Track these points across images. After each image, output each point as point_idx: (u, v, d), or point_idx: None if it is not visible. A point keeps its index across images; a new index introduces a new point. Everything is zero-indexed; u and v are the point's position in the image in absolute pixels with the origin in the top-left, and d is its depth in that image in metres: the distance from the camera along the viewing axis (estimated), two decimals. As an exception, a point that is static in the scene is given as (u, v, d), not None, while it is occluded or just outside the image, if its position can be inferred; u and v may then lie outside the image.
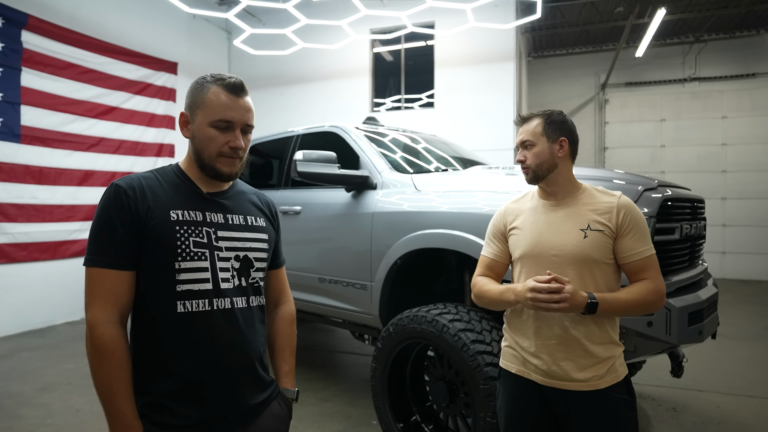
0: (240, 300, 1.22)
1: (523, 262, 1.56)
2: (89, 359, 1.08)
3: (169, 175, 1.23)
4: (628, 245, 1.45)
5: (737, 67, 9.74)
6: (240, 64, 8.98)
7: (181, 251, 1.13)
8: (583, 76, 10.85)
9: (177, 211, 1.16)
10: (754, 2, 8.18)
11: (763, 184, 9.48)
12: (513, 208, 1.67)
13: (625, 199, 1.50)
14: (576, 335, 1.46)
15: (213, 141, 1.18)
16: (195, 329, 1.14)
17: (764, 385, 3.77)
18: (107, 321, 1.08)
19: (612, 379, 1.46)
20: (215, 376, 1.16)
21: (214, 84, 1.19)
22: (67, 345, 4.93)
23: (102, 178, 6.36)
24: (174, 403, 1.12)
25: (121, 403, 1.06)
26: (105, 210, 1.12)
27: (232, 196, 1.30)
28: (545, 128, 1.55)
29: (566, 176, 1.56)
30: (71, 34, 5.91)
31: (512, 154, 7.32)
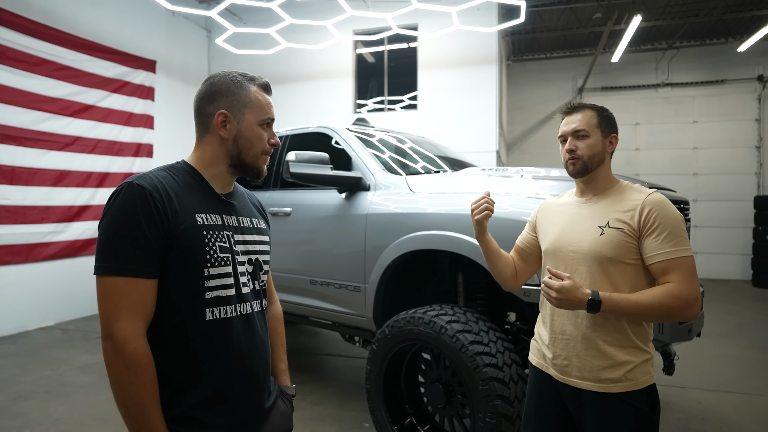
0: (255, 304, 1.21)
1: (546, 256, 1.60)
2: (117, 377, 0.99)
3: (183, 175, 1.16)
4: (651, 245, 1.38)
5: (707, 74, 10.09)
6: (220, 63, 8.84)
7: (209, 257, 1.09)
8: (561, 80, 11.07)
9: (201, 215, 1.11)
10: (723, 12, 8.49)
11: (732, 186, 9.84)
12: (550, 203, 1.69)
13: (654, 197, 1.42)
14: (590, 334, 1.44)
15: (262, 140, 1.20)
16: (223, 336, 1.11)
17: (741, 381, 3.90)
18: (138, 335, 1.00)
19: (629, 385, 1.40)
20: (241, 382, 1.14)
21: (252, 84, 1.20)
22: (41, 351, 4.75)
23: (78, 178, 6.16)
24: (203, 413, 1.08)
25: (154, 421, 1.00)
26: (128, 212, 1.02)
27: (238, 198, 1.27)
28: (600, 121, 1.52)
29: (606, 173, 1.54)
30: (46, 29, 5.71)
31: (494, 156, 7.40)
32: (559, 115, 1.63)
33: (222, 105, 1.17)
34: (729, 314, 6.43)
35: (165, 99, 7.67)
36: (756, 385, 3.82)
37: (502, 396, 2.12)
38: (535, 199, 2.35)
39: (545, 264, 1.61)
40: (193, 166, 1.19)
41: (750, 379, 3.94)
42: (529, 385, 1.68)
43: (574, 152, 1.51)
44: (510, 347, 2.31)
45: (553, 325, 1.53)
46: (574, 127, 1.52)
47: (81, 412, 3.31)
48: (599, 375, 1.42)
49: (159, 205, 1.04)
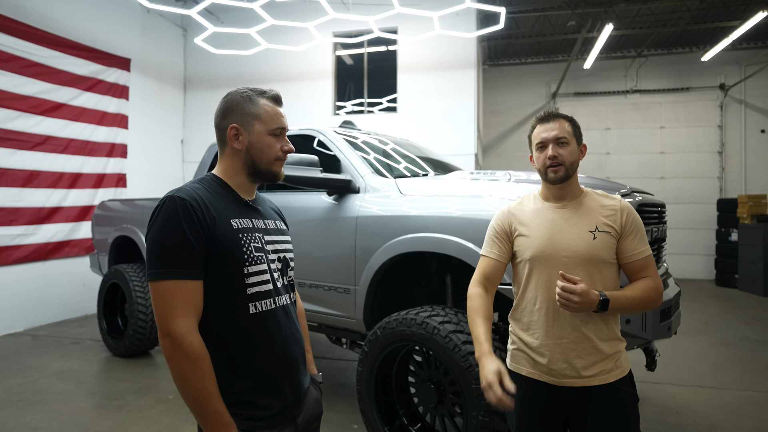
0: (287, 297, 1.35)
1: (533, 263, 1.58)
2: (180, 369, 1.10)
3: (213, 186, 1.29)
4: (630, 246, 1.53)
5: (673, 81, 10.52)
6: (196, 62, 8.71)
7: (247, 257, 1.22)
8: (535, 85, 11.34)
9: (235, 220, 1.24)
10: (689, 23, 8.87)
11: (697, 190, 10.28)
12: (517, 210, 1.67)
13: (626, 202, 1.58)
14: (587, 333, 1.51)
15: (272, 147, 1.30)
16: (267, 326, 1.25)
17: (710, 376, 4.09)
18: (193, 330, 1.13)
19: (619, 373, 1.53)
20: (285, 367, 1.28)
21: (262, 97, 1.31)
22: (12, 359, 4.58)
23: (48, 179, 5.95)
24: (256, 397, 1.21)
25: (217, 405, 1.12)
26: (173, 223, 1.14)
27: (261, 203, 1.41)
28: (574, 131, 1.60)
29: (577, 181, 1.63)
30: (15, 24, 5.51)
31: (473, 159, 7.52)
32: (532, 122, 1.65)
33: (233, 119, 1.29)
34: (695, 312, 6.71)
35: (140, 98, 7.51)
36: (724, 379, 4.01)
37: (495, 394, 2.18)
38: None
39: (530, 271, 1.58)
40: (221, 177, 1.32)
41: (718, 374, 4.14)
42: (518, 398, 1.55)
43: (556, 159, 1.54)
44: (500, 347, 2.37)
45: (550, 331, 1.54)
46: (555, 134, 1.56)
47: (59, 420, 3.22)
48: (595, 369, 1.51)
49: (199, 214, 1.16)
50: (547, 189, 1.63)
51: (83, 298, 6.39)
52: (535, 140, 1.62)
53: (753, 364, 4.44)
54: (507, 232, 1.66)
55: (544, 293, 1.55)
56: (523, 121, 11.46)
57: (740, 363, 4.46)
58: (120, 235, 4.80)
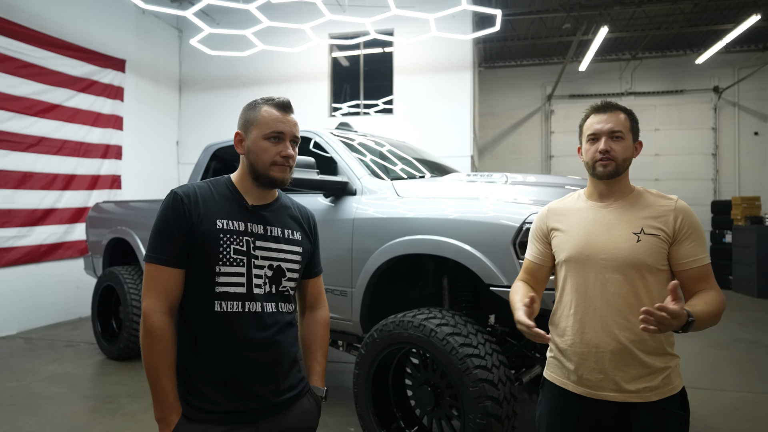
0: (269, 305, 1.33)
1: (568, 265, 1.47)
2: (141, 343, 1.23)
3: (221, 187, 1.37)
4: (686, 251, 1.37)
5: (667, 84, 10.59)
6: (192, 63, 8.67)
7: (222, 256, 1.27)
8: (531, 87, 11.38)
9: (223, 221, 1.30)
10: (683, 26, 8.93)
11: (690, 191, 10.34)
12: (557, 209, 1.57)
13: (683, 203, 1.42)
14: (626, 343, 1.36)
15: (267, 151, 1.32)
16: (228, 327, 1.27)
17: (705, 377, 4.11)
18: (158, 311, 1.22)
19: (667, 391, 1.37)
20: (242, 371, 1.27)
21: (265, 104, 1.35)
22: (4, 362, 4.53)
23: (42, 180, 5.91)
24: (207, 389, 1.25)
25: (165, 384, 1.21)
26: (164, 214, 1.28)
27: (274, 210, 1.41)
28: (632, 125, 1.47)
29: (627, 178, 1.49)
30: (8, 25, 5.47)
31: (469, 161, 7.54)
32: (587, 111, 1.52)
33: (239, 127, 1.38)
34: (690, 314, 6.73)
35: (135, 99, 7.47)
36: (718, 380, 4.03)
37: (492, 397, 2.18)
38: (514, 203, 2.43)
39: (566, 274, 1.48)
40: (232, 181, 1.40)
41: (713, 375, 4.15)
42: (547, 405, 1.53)
43: (608, 154, 1.41)
44: (497, 349, 2.37)
45: (584, 339, 1.41)
46: (611, 127, 1.43)
47: (53, 424, 3.18)
48: (638, 385, 1.36)
49: (186, 209, 1.27)
50: (593, 186, 1.51)
51: (77, 300, 6.34)
52: (587, 131, 1.48)
53: (748, 365, 4.46)
54: (544, 232, 1.58)
55: (579, 298, 1.43)
56: (519, 123, 11.50)
57: (735, 364, 4.48)
58: (114, 237, 4.77)
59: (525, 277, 1.62)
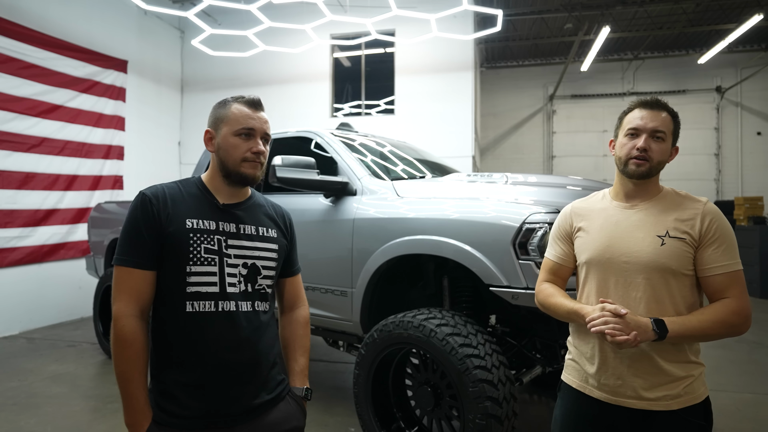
0: (245, 304, 1.31)
1: (589, 267, 1.43)
2: (112, 347, 1.21)
3: (191, 187, 1.35)
4: (711, 257, 1.31)
5: (670, 84, 10.57)
6: (194, 64, 8.69)
7: (192, 256, 1.25)
8: (532, 87, 11.37)
9: (192, 220, 1.28)
10: (685, 25, 8.91)
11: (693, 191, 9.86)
12: (581, 208, 1.53)
13: (712, 206, 1.35)
14: (647, 351, 1.33)
15: (237, 148, 1.31)
16: (201, 328, 1.25)
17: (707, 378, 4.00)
18: (128, 314, 1.20)
19: (688, 400, 1.33)
20: (216, 373, 1.25)
21: (236, 102, 1.34)
22: (7, 362, 4.55)
23: (44, 181, 5.93)
24: (180, 393, 1.23)
25: (135, 390, 1.19)
26: (133, 216, 1.26)
27: (247, 208, 1.40)
28: (675, 128, 1.40)
29: (657, 180, 1.43)
30: (11, 26, 5.50)
31: (470, 161, 7.53)
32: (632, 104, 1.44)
33: (208, 125, 1.37)
34: (693, 314, 6.71)
35: (137, 100, 7.49)
36: (721, 381, 4.02)
37: (492, 397, 2.17)
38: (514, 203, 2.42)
39: (587, 275, 1.45)
40: (203, 180, 1.38)
41: (715, 376, 4.14)
42: (563, 408, 1.51)
43: (646, 153, 1.35)
44: (497, 349, 2.37)
45: (603, 344, 1.38)
46: (654, 126, 1.36)
47: (54, 424, 3.19)
48: (657, 393, 1.33)
49: (155, 210, 1.25)
50: (620, 184, 1.45)
51: (79, 300, 6.36)
52: (627, 124, 1.41)
53: (750, 365, 4.44)
54: (567, 231, 1.54)
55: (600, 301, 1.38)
56: (520, 123, 11.49)
57: (737, 365, 4.47)
58: (116, 238, 4.78)
59: (549, 278, 1.58)
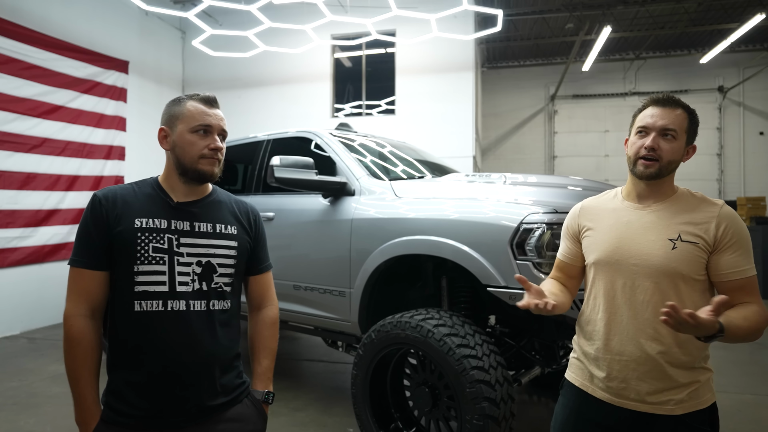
0: (198, 303, 1.29)
1: (597, 268, 1.41)
2: (63, 346, 1.23)
3: (145, 187, 1.36)
4: (728, 262, 1.27)
5: (672, 84, 10.53)
6: (195, 64, 8.71)
7: (140, 255, 1.25)
8: (534, 87, 11.36)
9: (142, 219, 1.27)
10: (687, 25, 8.88)
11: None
12: (591, 207, 1.49)
13: (728, 210, 1.31)
14: (652, 354, 1.30)
15: (194, 145, 1.31)
16: (149, 327, 1.24)
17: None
18: (78, 314, 1.22)
19: (693, 405, 1.30)
20: (167, 373, 1.24)
21: (191, 99, 1.34)
22: (7, 361, 4.56)
23: (45, 181, 5.94)
24: (129, 392, 1.23)
25: (82, 388, 1.21)
26: (84, 218, 1.28)
27: (205, 205, 1.39)
28: (690, 126, 1.34)
29: (671, 181, 1.38)
30: (12, 27, 5.51)
31: (471, 161, 7.52)
32: (645, 101, 1.40)
33: (162, 122, 1.36)
34: (694, 315, 6.69)
35: (138, 100, 7.50)
36: (721, 382, 4.00)
37: (489, 398, 2.16)
38: (518, 204, 2.42)
39: (595, 276, 1.43)
40: (158, 180, 1.38)
41: (715, 377, 4.00)
42: (564, 405, 1.50)
43: (654, 152, 1.31)
44: (495, 350, 2.36)
45: (609, 345, 1.36)
46: (664, 123, 1.31)
47: (53, 424, 3.20)
48: (662, 397, 1.30)
49: (104, 210, 1.27)
50: (632, 184, 1.41)
51: (80, 300, 6.37)
52: (638, 123, 1.37)
53: (751, 367, 4.43)
54: (575, 231, 1.51)
55: (607, 303, 1.37)
56: (522, 123, 11.48)
57: (738, 366, 4.45)
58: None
59: (556, 275, 1.58)
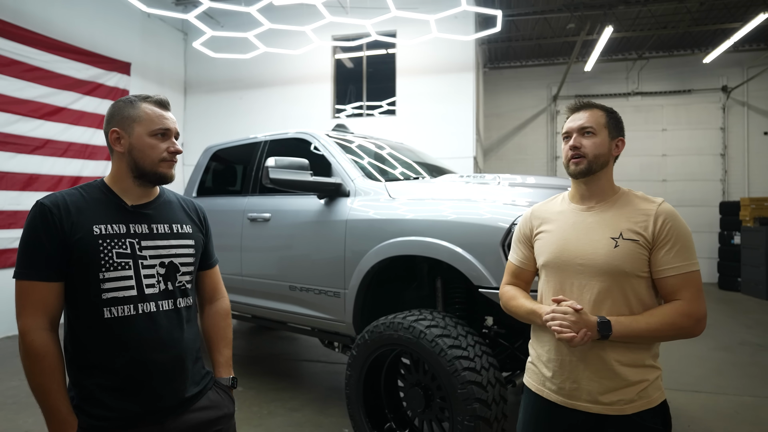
0: (166, 303, 1.33)
1: (547, 270, 1.46)
2: (23, 364, 1.18)
3: (94, 191, 1.32)
4: (663, 259, 1.31)
5: (675, 84, 10.47)
6: (197, 66, 8.75)
7: (104, 263, 1.24)
8: (536, 87, 11.31)
9: (100, 226, 1.26)
10: (690, 24, 8.83)
11: (698, 192, 10.21)
12: (541, 211, 1.55)
13: (666, 206, 1.36)
14: (601, 354, 1.33)
15: (155, 148, 1.32)
16: (121, 331, 1.25)
17: (707, 380, 4.05)
18: (37, 328, 1.18)
19: (643, 404, 1.32)
20: (143, 373, 1.26)
21: (145, 102, 1.34)
22: (9, 362, 4.60)
23: (48, 182, 5.99)
24: (107, 396, 1.23)
25: (54, 401, 1.17)
26: (31, 227, 1.22)
27: (158, 206, 1.40)
28: (609, 121, 1.43)
29: (609, 178, 1.44)
30: (15, 29, 5.56)
31: (472, 162, 7.51)
32: (565, 113, 1.52)
33: (114, 124, 1.33)
34: (696, 316, 6.64)
35: (140, 102, 7.54)
36: (721, 384, 3.97)
37: (480, 399, 2.16)
38: (512, 205, 2.42)
39: (545, 278, 1.47)
40: (107, 183, 1.35)
41: (715, 379, 4.10)
42: (524, 412, 1.53)
43: (579, 150, 1.40)
44: (488, 351, 2.36)
45: (559, 347, 1.39)
46: (580, 124, 1.42)
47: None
48: (612, 397, 1.33)
49: (57, 220, 1.21)
50: (574, 187, 1.49)
51: (82, 300, 6.41)
52: (563, 131, 1.48)
53: (752, 368, 4.39)
54: (527, 235, 1.56)
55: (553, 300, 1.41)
56: (524, 124, 11.44)
57: (739, 367, 4.42)
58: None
59: (512, 281, 1.61)
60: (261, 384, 3.92)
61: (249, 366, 4.45)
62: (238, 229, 3.55)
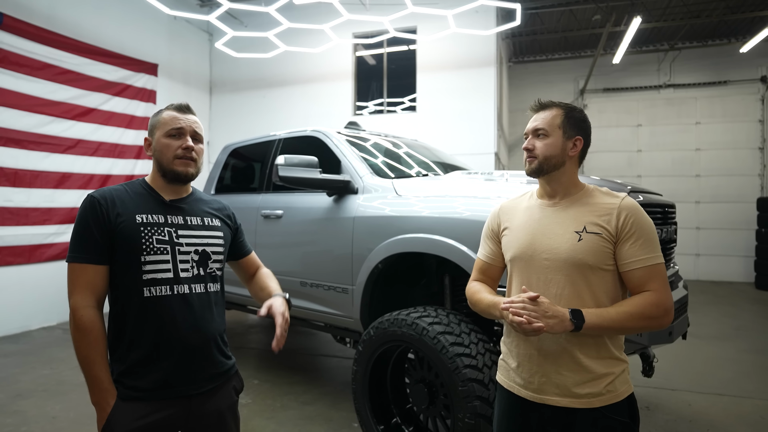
0: (198, 286, 1.46)
1: (513, 265, 1.48)
2: (72, 337, 1.33)
3: (137, 187, 1.49)
4: (628, 252, 1.33)
5: (710, 75, 10.04)
6: (221, 66, 8.93)
7: (146, 247, 1.38)
8: (562, 81, 11.06)
9: (142, 215, 1.41)
10: (724, 13, 8.45)
11: (734, 188, 9.78)
12: (508, 207, 1.58)
13: (628, 201, 1.38)
14: (567, 347, 1.35)
15: (169, 147, 1.46)
16: (158, 310, 1.38)
17: (733, 384, 3.90)
18: (86, 306, 1.32)
19: (610, 398, 1.34)
20: (174, 349, 1.39)
21: (167, 109, 1.51)
22: (42, 351, 4.83)
23: (79, 180, 6.24)
24: (142, 369, 1.36)
25: (98, 371, 1.31)
26: (83, 217, 1.38)
27: (190, 202, 1.57)
28: (564, 122, 1.44)
29: (570, 177, 1.46)
30: (48, 34, 5.81)
31: (493, 158, 7.42)
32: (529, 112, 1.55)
33: (147, 133, 1.53)
34: (728, 317, 6.40)
35: (167, 102, 7.55)
36: (748, 388, 3.82)
37: (481, 397, 2.15)
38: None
39: (513, 273, 1.49)
40: (147, 181, 1.53)
41: (743, 382, 3.94)
42: (497, 408, 1.55)
43: (531, 151, 1.45)
44: (491, 349, 2.34)
45: (527, 341, 1.41)
46: (534, 126, 1.47)
47: (77, 410, 3.38)
48: (579, 390, 1.34)
49: (104, 210, 1.38)
50: (540, 184, 1.52)
51: (113, 294, 6.67)
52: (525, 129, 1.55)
53: (783, 372, 4.20)
54: (495, 231, 1.59)
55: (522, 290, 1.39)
56: (550, 118, 11.22)
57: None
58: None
59: (479, 277, 1.64)
60: (276, 377, 4.00)
61: (266, 360, 4.54)
62: (252, 226, 3.62)
